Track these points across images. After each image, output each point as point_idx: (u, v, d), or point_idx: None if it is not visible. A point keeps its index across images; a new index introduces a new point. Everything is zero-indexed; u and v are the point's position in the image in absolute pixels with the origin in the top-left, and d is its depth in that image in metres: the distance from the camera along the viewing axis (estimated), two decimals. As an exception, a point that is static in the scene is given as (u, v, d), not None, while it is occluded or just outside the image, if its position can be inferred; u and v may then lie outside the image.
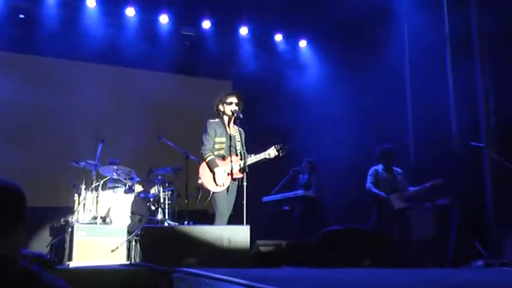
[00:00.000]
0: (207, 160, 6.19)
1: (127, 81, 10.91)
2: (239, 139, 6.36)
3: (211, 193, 6.11)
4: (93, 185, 8.00)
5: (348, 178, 9.55)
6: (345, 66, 10.38)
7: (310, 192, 9.43)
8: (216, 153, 6.27)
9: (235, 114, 6.31)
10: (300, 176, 9.89)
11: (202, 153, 6.25)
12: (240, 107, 6.40)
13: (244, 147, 6.32)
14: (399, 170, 8.13)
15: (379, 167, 8.09)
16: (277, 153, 6.44)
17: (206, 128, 6.33)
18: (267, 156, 6.42)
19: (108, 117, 10.35)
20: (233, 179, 6.25)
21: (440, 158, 8.52)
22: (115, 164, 8.75)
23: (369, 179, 8.04)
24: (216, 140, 6.31)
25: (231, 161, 6.22)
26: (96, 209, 7.84)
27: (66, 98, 10.27)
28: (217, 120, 6.43)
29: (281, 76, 11.38)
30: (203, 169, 6.22)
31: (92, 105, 10.33)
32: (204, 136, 6.32)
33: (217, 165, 6.14)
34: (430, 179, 7.87)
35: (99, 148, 8.23)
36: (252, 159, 6.34)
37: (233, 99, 6.40)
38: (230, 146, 6.33)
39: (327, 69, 11.03)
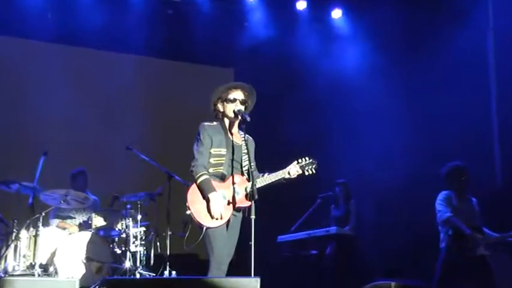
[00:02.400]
0: (199, 181, 6.05)
1: (85, 68, 10.97)
2: (245, 151, 6.26)
3: (204, 229, 6.00)
4: (31, 218, 7.90)
5: (400, 207, 9.71)
6: (398, 47, 10.29)
7: (346, 229, 9.46)
8: (211, 170, 6.17)
9: (239, 116, 6.24)
10: (332, 205, 9.97)
11: (192, 170, 6.13)
12: (247, 106, 6.37)
13: (254, 163, 6.27)
14: (474, 200, 8.25)
15: (451, 193, 8.16)
16: (300, 172, 6.36)
17: (198, 134, 6.26)
18: (286, 176, 6.33)
19: (57, 120, 10.46)
20: (236, 209, 6.16)
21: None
22: (80, 174, 8.91)
23: (443, 205, 8.06)
24: (213, 151, 6.22)
25: (234, 183, 6.14)
26: (34, 254, 7.74)
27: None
28: (214, 123, 6.37)
29: (305, 61, 11.23)
30: (193, 194, 6.07)
31: (34, 102, 10.36)
32: (195, 146, 6.24)
33: (213, 189, 6.01)
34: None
35: (40, 163, 8.16)
36: (265, 179, 6.25)
37: (237, 95, 6.34)
38: (233, 161, 6.24)
39: (371, 50, 10.88)
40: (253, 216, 5.82)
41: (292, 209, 9.79)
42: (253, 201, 5.91)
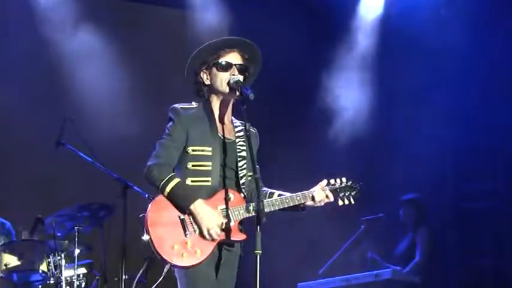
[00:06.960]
0: (168, 188, 6.05)
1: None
2: (244, 150, 6.39)
3: (166, 268, 6.09)
4: None
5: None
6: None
7: (405, 272, 9.88)
8: (190, 182, 6.22)
9: (238, 92, 6.24)
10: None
11: (152, 175, 6.14)
12: (247, 76, 6.43)
13: (258, 171, 6.23)
14: None
15: None
16: (332, 199, 6.43)
17: (170, 121, 6.31)
18: (308, 203, 6.39)
19: None
20: (229, 242, 6.15)
21: None
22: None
23: None
24: (192, 150, 6.27)
25: (226, 199, 6.18)
26: None
27: None
28: (194, 106, 6.45)
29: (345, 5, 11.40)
30: (157, 211, 6.09)
31: None
32: (161, 141, 6.27)
33: (195, 197, 6.05)
34: None
35: None
36: (272, 203, 6.36)
37: (232, 58, 6.40)
38: (224, 167, 6.28)
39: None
40: (258, 251, 5.69)
41: (319, 240, 10.05)
42: (258, 227, 5.77)
